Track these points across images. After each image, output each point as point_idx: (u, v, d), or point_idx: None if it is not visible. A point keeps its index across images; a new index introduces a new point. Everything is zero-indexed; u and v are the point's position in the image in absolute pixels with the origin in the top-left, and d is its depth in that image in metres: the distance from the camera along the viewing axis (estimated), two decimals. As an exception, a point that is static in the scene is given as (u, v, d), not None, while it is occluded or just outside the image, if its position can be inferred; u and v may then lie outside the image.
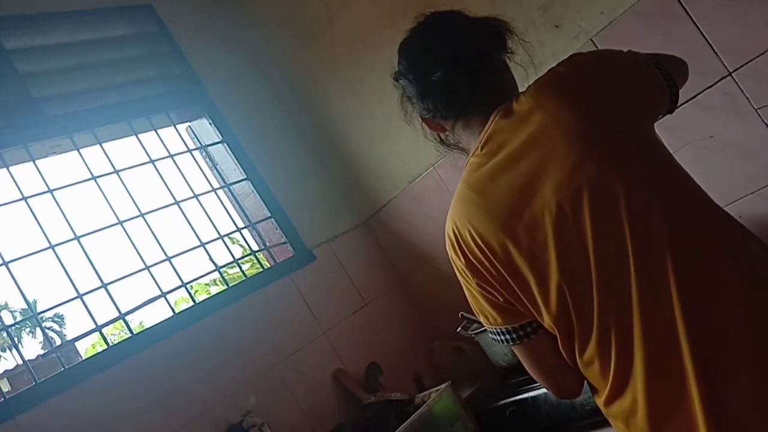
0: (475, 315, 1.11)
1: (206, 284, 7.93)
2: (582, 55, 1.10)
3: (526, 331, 1.04)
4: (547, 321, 1.00)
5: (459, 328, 2.10)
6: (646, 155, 0.98)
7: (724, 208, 1.02)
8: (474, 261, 1.03)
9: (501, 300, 1.03)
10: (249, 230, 2.47)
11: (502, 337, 1.07)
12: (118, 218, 2.08)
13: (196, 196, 2.31)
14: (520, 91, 1.09)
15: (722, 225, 0.97)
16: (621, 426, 1.00)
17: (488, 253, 1.00)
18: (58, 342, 24.60)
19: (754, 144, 1.66)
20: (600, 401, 1.03)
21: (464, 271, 1.06)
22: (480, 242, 1.01)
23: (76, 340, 1.94)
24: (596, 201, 0.93)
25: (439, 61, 1.06)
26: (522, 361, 1.11)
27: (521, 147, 0.99)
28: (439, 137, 1.22)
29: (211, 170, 2.51)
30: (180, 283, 2.11)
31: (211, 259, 2.27)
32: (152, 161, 2.26)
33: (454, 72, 1.05)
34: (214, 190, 2.40)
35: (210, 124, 2.48)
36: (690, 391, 0.86)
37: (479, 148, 1.06)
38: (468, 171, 1.08)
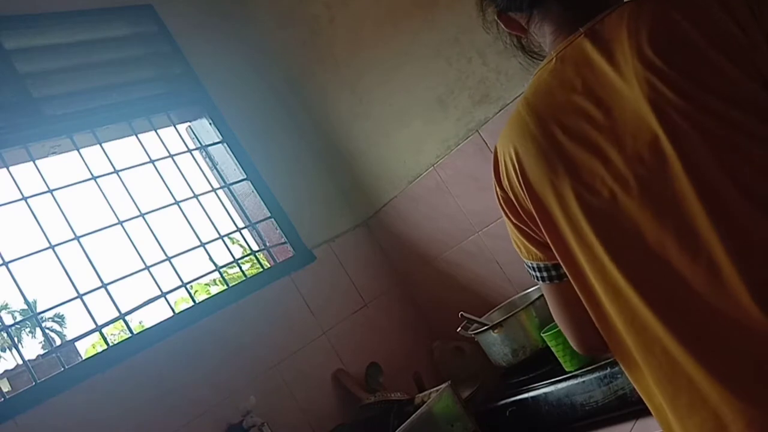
0: (515, 245, 1.05)
1: (206, 284, 7.93)
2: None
3: (559, 272, 0.98)
4: (572, 274, 0.93)
5: (459, 328, 2.10)
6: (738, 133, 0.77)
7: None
8: (511, 193, 0.97)
9: (536, 236, 0.97)
10: (249, 230, 2.47)
11: (534, 273, 1.02)
12: (118, 218, 2.07)
13: (196, 196, 2.31)
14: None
15: None
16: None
17: (525, 189, 0.93)
18: (58, 342, 24.61)
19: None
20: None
21: (502, 201, 1.01)
22: (519, 172, 0.93)
23: (76, 340, 1.94)
24: (653, 176, 0.80)
25: None
26: (550, 306, 1.05)
27: (598, 85, 0.84)
28: (520, 43, 1.07)
29: (211, 170, 2.51)
30: (180, 283, 2.11)
31: (211, 259, 2.27)
32: (152, 161, 2.26)
33: None
34: (214, 190, 2.40)
35: (210, 124, 2.48)
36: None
37: (553, 59, 0.90)
38: (533, 84, 0.94)
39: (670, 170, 0.79)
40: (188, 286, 2.14)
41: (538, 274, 1.02)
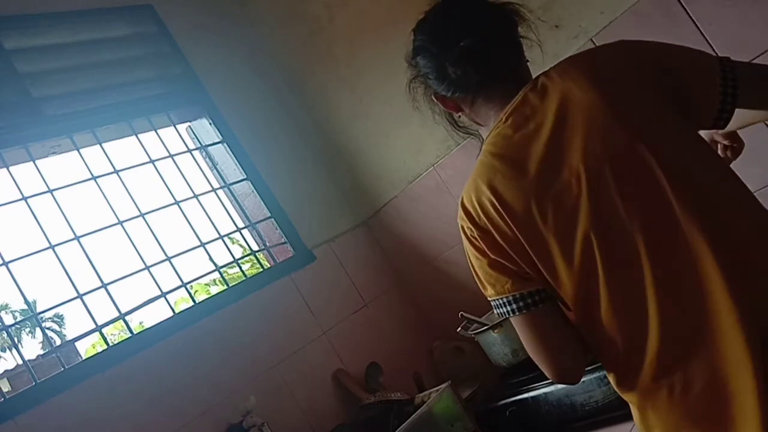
0: (483, 285, 1.11)
1: (206, 284, 7.94)
2: (624, 42, 1.08)
3: (534, 300, 1.04)
4: (564, 281, 1.01)
5: (459, 328, 2.10)
6: (677, 134, 0.99)
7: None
8: (491, 227, 1.04)
9: (513, 267, 1.04)
10: (249, 230, 2.47)
11: (508, 308, 1.06)
12: (118, 218, 2.07)
13: (196, 196, 2.31)
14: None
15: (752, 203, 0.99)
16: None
17: (507, 218, 1.01)
18: (58, 342, 24.62)
19: (755, 144, 1.66)
20: (611, 372, 1.04)
21: (477, 240, 1.07)
22: (500, 207, 1.02)
23: (76, 340, 1.94)
24: (627, 169, 0.95)
25: (466, 29, 1.06)
26: (522, 337, 1.09)
27: (550, 118, 1.01)
28: (452, 119, 1.22)
29: (211, 170, 2.51)
30: (180, 283, 2.11)
31: (211, 259, 2.27)
32: (152, 161, 2.26)
33: (486, 38, 1.06)
34: (214, 190, 2.40)
35: (210, 124, 2.48)
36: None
37: (503, 120, 1.07)
38: (491, 142, 1.08)
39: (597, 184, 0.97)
40: (188, 286, 2.14)
41: (514, 307, 1.05)
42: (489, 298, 1.10)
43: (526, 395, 1.84)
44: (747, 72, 1.01)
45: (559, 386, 1.75)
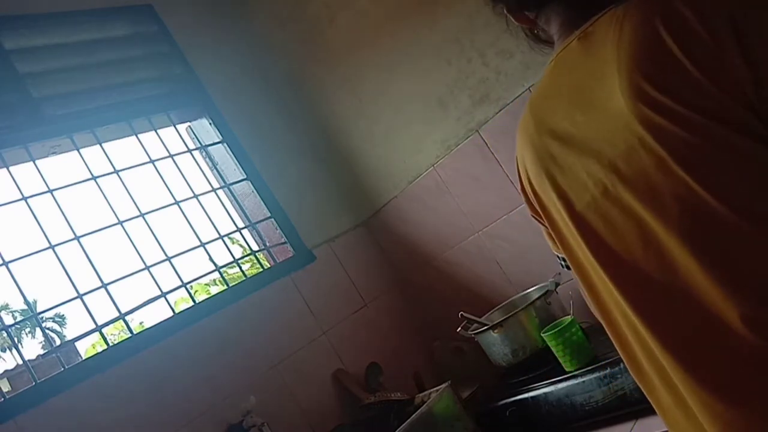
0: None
1: (206, 284, 7.94)
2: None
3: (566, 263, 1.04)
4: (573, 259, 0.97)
5: (459, 328, 2.10)
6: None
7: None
8: (523, 191, 1.04)
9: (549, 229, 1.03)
10: (249, 230, 2.47)
11: (564, 263, 1.05)
12: (118, 218, 2.07)
13: (196, 196, 2.31)
14: None
15: None
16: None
17: (528, 187, 1.00)
18: (58, 342, 24.62)
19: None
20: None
21: (526, 201, 1.06)
22: (523, 172, 1.00)
23: (76, 340, 1.94)
24: (647, 157, 0.78)
25: None
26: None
27: (585, 87, 0.85)
28: (532, 33, 1.10)
29: (211, 170, 2.51)
30: (180, 283, 2.11)
31: (211, 259, 2.27)
32: (152, 161, 2.26)
33: None
34: (214, 190, 2.40)
35: (210, 124, 2.48)
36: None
37: (552, 63, 0.94)
38: (536, 88, 0.99)
39: (646, 182, 0.79)
40: (188, 286, 2.14)
41: (564, 264, 1.05)
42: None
43: (526, 395, 1.84)
44: None
45: (559, 386, 1.75)
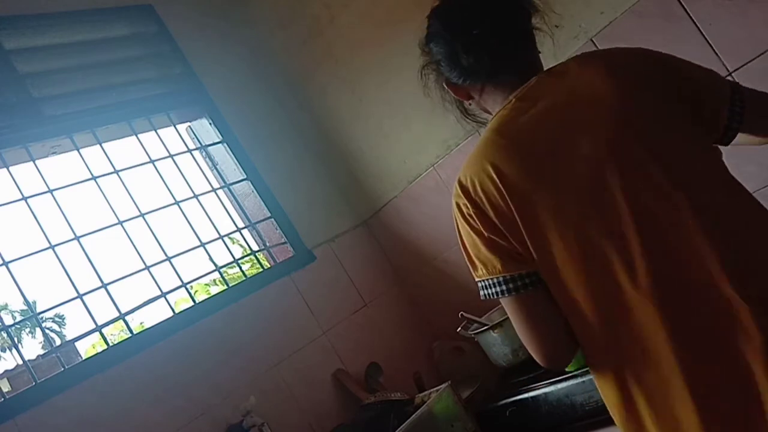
0: (474, 265, 1.10)
1: (206, 284, 7.92)
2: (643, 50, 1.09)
3: (524, 282, 1.03)
4: (553, 263, 1.00)
5: (459, 328, 2.10)
6: (685, 141, 1.00)
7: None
8: (486, 203, 1.03)
9: (506, 245, 1.03)
10: (249, 230, 2.47)
11: (498, 288, 1.05)
12: (118, 218, 2.07)
13: (196, 196, 2.31)
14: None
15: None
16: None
17: (506, 195, 1.01)
18: (58, 342, 24.61)
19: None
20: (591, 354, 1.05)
21: (471, 217, 1.06)
22: (500, 183, 1.01)
23: (76, 340, 1.94)
24: (633, 165, 0.96)
25: (480, 17, 1.07)
26: (512, 318, 1.08)
27: (562, 103, 1.02)
28: (463, 107, 1.22)
29: (211, 170, 2.51)
30: (180, 283, 2.11)
31: (211, 259, 2.27)
32: (152, 161, 2.26)
33: (499, 27, 1.07)
34: (214, 190, 2.40)
35: (210, 124, 2.48)
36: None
37: (511, 102, 1.07)
38: (497, 121, 1.08)
39: (606, 180, 0.97)
40: (188, 286, 2.14)
41: (504, 288, 1.04)
42: (477, 279, 1.09)
43: (526, 395, 1.84)
44: (752, 96, 1.06)
45: (559, 386, 1.75)
